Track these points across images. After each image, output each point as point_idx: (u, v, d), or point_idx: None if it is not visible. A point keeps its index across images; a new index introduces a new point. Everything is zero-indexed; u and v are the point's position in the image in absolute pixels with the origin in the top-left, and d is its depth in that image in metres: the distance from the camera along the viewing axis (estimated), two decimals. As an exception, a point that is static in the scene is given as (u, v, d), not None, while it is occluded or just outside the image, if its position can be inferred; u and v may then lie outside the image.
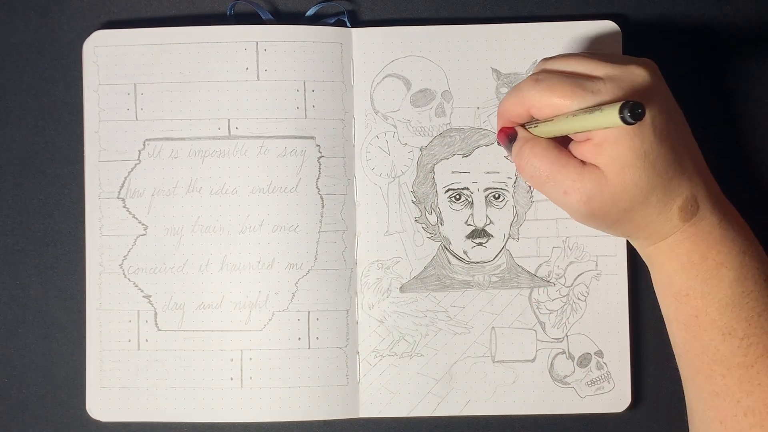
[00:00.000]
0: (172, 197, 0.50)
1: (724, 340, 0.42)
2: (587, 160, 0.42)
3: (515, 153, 0.45)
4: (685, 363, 0.45)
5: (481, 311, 0.50)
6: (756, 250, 0.43)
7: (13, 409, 0.51)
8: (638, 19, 0.52)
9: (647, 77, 0.42)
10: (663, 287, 0.45)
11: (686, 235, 0.43)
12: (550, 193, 0.44)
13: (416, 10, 0.52)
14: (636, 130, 0.40)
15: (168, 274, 0.50)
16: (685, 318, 0.43)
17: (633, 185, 0.41)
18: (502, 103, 0.46)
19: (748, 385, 0.42)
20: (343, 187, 0.50)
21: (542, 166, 0.43)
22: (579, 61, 0.43)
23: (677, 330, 0.44)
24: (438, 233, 0.50)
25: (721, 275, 0.42)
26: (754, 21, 0.52)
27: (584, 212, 0.43)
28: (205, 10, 0.52)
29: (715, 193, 0.44)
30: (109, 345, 0.50)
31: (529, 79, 0.43)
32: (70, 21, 0.52)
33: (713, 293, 0.42)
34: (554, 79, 0.42)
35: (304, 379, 0.50)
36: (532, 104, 0.43)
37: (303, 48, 0.50)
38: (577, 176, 0.42)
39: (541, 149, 0.44)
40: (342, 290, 0.50)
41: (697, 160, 0.44)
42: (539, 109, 0.43)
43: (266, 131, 0.50)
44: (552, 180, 0.43)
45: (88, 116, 0.50)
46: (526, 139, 0.45)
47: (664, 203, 0.42)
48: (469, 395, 0.50)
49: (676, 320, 0.44)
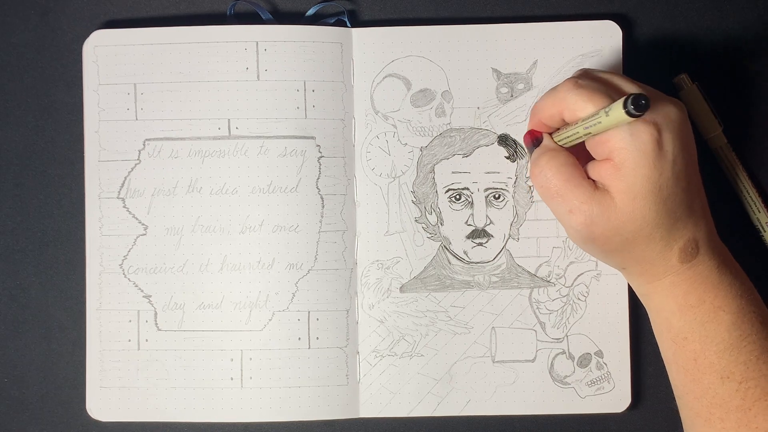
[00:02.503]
0: (172, 197, 0.50)
1: (722, 383, 0.42)
2: (602, 180, 0.42)
3: (533, 159, 0.45)
4: (684, 405, 0.45)
5: (481, 311, 0.50)
6: (752, 294, 0.44)
7: (13, 409, 0.51)
8: (639, 19, 0.52)
9: (678, 114, 0.42)
10: (662, 330, 0.45)
11: (684, 277, 0.43)
12: (555, 209, 0.44)
13: (416, 10, 0.52)
14: (657, 162, 0.40)
15: (168, 274, 0.50)
16: (684, 361, 0.44)
17: (641, 217, 0.41)
18: (537, 101, 0.45)
19: (746, 428, 0.42)
20: (343, 187, 0.50)
21: (555, 179, 0.43)
22: (620, 79, 0.43)
23: (677, 373, 0.45)
24: (438, 233, 0.50)
25: (720, 319, 0.42)
26: (755, 20, 0.52)
27: (584, 235, 0.43)
28: (205, 10, 0.52)
29: (714, 236, 0.44)
30: (109, 345, 0.50)
31: (568, 82, 0.43)
32: (70, 21, 0.52)
33: (712, 337, 0.42)
34: (593, 86, 0.42)
35: (304, 379, 0.50)
36: (567, 106, 0.42)
37: (303, 48, 0.50)
38: (586, 198, 0.42)
39: (558, 163, 0.43)
40: (342, 290, 0.50)
41: (703, 203, 0.44)
42: (572, 112, 0.42)
43: (266, 131, 0.50)
44: (560, 196, 0.43)
45: (88, 116, 0.50)
46: (548, 148, 0.45)
47: (666, 241, 0.42)
48: (469, 395, 0.50)
49: (675, 363, 0.44)
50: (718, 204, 0.48)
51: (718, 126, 0.50)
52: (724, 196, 0.51)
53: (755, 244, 0.51)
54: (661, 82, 0.51)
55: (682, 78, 0.50)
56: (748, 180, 0.50)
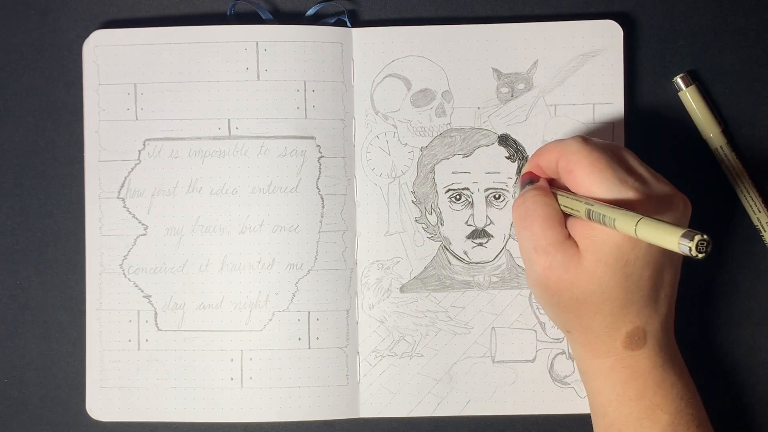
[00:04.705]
0: (172, 197, 0.50)
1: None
2: (575, 234, 0.41)
3: (522, 192, 0.45)
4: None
5: (482, 311, 0.50)
6: (693, 396, 0.43)
7: (13, 409, 0.51)
8: (640, 18, 0.52)
9: (681, 206, 0.41)
10: (597, 415, 0.44)
11: (625, 365, 0.42)
12: (523, 242, 0.43)
13: (416, 10, 0.52)
14: (634, 240, 0.39)
15: (168, 274, 0.50)
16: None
17: (597, 282, 0.40)
18: (541, 147, 0.45)
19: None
20: (343, 188, 0.50)
21: (534, 213, 0.42)
22: (629, 154, 0.43)
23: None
24: (438, 233, 0.50)
25: (656, 417, 0.42)
26: (755, 20, 0.51)
27: (539, 278, 0.42)
28: (205, 10, 0.52)
29: (668, 334, 0.43)
30: (109, 345, 0.50)
31: (578, 137, 0.43)
32: (70, 21, 0.52)
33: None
34: (601, 148, 0.41)
35: (304, 379, 0.50)
36: (566, 154, 0.42)
37: (303, 48, 0.50)
38: (554, 241, 0.41)
39: (544, 201, 0.43)
40: (342, 290, 0.50)
41: (669, 300, 0.43)
42: (568, 162, 0.41)
43: (266, 131, 0.50)
44: (531, 230, 0.42)
45: (88, 116, 0.50)
46: (540, 186, 0.44)
47: (614, 318, 0.41)
48: (469, 395, 0.50)
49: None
50: (718, 204, 0.48)
51: (718, 126, 0.50)
52: (724, 196, 0.51)
53: (755, 244, 0.51)
54: (661, 82, 0.51)
55: (682, 78, 0.50)
56: (748, 180, 0.50)
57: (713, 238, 0.34)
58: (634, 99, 0.51)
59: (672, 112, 0.51)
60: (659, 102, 0.51)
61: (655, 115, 0.51)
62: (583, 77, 0.50)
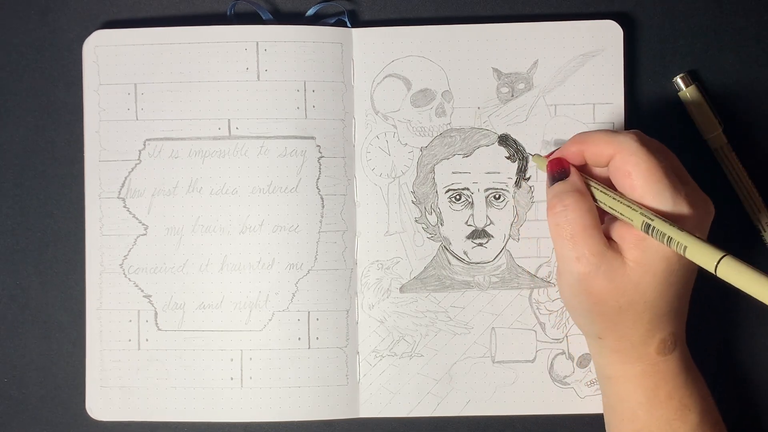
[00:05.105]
0: (172, 197, 0.50)
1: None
2: (622, 243, 0.41)
3: (557, 191, 0.43)
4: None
5: (481, 312, 0.50)
6: (711, 397, 0.44)
7: (13, 409, 0.51)
8: (640, 18, 0.52)
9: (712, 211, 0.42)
10: (623, 419, 0.44)
11: (656, 370, 0.43)
12: (562, 251, 0.42)
13: (416, 10, 0.52)
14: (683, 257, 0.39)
15: (168, 274, 0.50)
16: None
17: (642, 292, 0.41)
18: (589, 134, 0.43)
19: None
20: (343, 188, 0.50)
21: (575, 222, 0.41)
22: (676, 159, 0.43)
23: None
24: (438, 233, 0.50)
25: (686, 417, 0.42)
26: (756, 20, 0.51)
27: (581, 286, 0.41)
28: (205, 10, 0.52)
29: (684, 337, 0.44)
30: (109, 345, 0.50)
31: (634, 134, 0.41)
32: (70, 21, 0.52)
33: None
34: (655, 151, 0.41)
35: (304, 379, 0.50)
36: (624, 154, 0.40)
37: (303, 48, 0.50)
38: (598, 251, 0.41)
39: (585, 208, 0.41)
40: (342, 290, 0.50)
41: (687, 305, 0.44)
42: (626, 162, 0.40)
43: (266, 131, 0.50)
44: (573, 241, 0.41)
45: (88, 116, 0.50)
46: (576, 187, 0.42)
47: (651, 326, 0.42)
48: (469, 395, 0.50)
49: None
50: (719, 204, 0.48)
51: (718, 126, 0.50)
52: (724, 196, 0.51)
53: (755, 244, 0.51)
54: (661, 82, 0.51)
55: (682, 78, 0.50)
56: (748, 180, 0.50)
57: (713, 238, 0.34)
58: (635, 99, 0.51)
59: (672, 112, 0.51)
60: (659, 102, 0.51)
61: (655, 115, 0.51)
62: (584, 77, 0.50)
